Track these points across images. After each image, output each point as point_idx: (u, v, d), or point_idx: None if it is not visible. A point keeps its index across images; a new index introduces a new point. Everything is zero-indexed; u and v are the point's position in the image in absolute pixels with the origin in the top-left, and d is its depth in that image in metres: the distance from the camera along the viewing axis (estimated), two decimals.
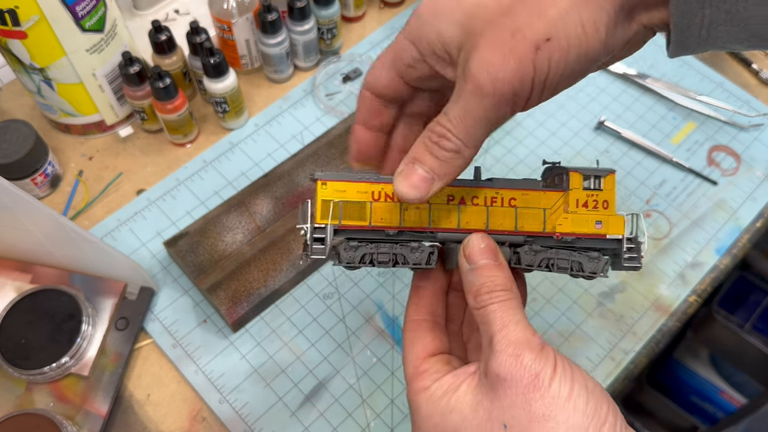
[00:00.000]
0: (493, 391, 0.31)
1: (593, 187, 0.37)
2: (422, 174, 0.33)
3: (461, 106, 0.31)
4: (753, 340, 1.00)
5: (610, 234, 0.37)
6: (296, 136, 0.72)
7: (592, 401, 0.30)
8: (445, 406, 0.33)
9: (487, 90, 0.29)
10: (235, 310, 0.59)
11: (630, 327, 0.61)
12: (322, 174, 0.36)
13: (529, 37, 0.28)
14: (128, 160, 0.71)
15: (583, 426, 0.29)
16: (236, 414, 0.56)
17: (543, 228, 0.37)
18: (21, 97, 0.75)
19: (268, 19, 0.69)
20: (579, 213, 0.37)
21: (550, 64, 0.29)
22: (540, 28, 0.28)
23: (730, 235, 0.67)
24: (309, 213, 0.35)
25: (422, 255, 0.36)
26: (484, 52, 0.29)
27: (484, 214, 0.37)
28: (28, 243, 0.58)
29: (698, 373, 1.07)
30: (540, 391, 0.30)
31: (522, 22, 0.29)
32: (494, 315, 0.32)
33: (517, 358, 0.31)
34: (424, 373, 0.35)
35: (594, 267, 0.37)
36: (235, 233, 0.63)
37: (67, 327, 0.57)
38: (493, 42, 0.29)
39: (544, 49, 0.29)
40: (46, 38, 0.60)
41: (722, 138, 0.73)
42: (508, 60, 0.29)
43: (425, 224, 0.36)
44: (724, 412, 1.05)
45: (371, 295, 0.62)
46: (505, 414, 0.30)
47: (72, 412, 0.55)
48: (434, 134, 0.32)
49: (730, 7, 0.27)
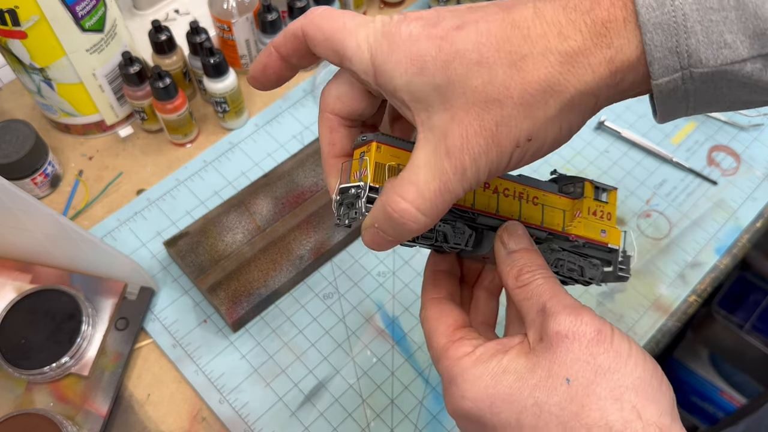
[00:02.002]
0: (551, 351, 0.31)
1: (601, 198, 0.40)
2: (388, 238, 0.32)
3: (439, 183, 0.30)
4: (753, 340, 1.00)
5: (611, 244, 0.40)
6: (296, 136, 0.72)
7: (648, 359, 0.31)
8: (497, 367, 0.32)
9: (470, 173, 0.29)
10: (235, 310, 0.59)
11: (630, 327, 0.61)
12: (378, 137, 0.34)
13: (513, 133, 0.29)
14: (128, 160, 0.71)
15: (647, 379, 0.30)
16: (236, 414, 0.56)
17: (562, 228, 0.39)
18: (21, 97, 0.75)
19: (268, 19, 0.69)
20: (589, 220, 0.40)
21: (524, 157, 0.30)
22: (525, 127, 0.29)
23: (730, 235, 0.67)
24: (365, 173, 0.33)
25: (463, 237, 0.36)
26: (469, 134, 0.29)
27: (517, 205, 0.38)
28: (28, 243, 0.58)
29: (698, 373, 1.07)
30: (604, 344, 0.30)
31: (509, 117, 0.28)
32: (543, 287, 0.33)
33: (577, 316, 0.31)
34: (462, 339, 0.34)
35: (592, 274, 0.39)
36: (235, 233, 0.63)
37: (67, 327, 0.57)
38: (480, 127, 0.29)
39: (523, 147, 0.29)
40: (46, 38, 0.60)
41: (722, 138, 0.73)
42: (491, 149, 0.29)
43: (469, 206, 0.37)
44: (724, 412, 1.05)
45: (371, 295, 0.63)
46: (568, 369, 0.30)
47: (72, 412, 0.55)
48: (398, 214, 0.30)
49: (711, 96, 0.28)
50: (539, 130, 0.29)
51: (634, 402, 0.29)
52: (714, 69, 0.27)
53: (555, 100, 0.28)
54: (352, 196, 0.33)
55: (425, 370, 0.59)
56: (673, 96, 0.28)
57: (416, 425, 0.56)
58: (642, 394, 0.29)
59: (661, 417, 0.29)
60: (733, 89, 0.28)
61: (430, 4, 0.81)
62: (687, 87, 0.28)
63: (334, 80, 0.36)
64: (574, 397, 0.29)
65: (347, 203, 0.34)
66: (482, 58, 0.28)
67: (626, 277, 0.40)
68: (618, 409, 0.29)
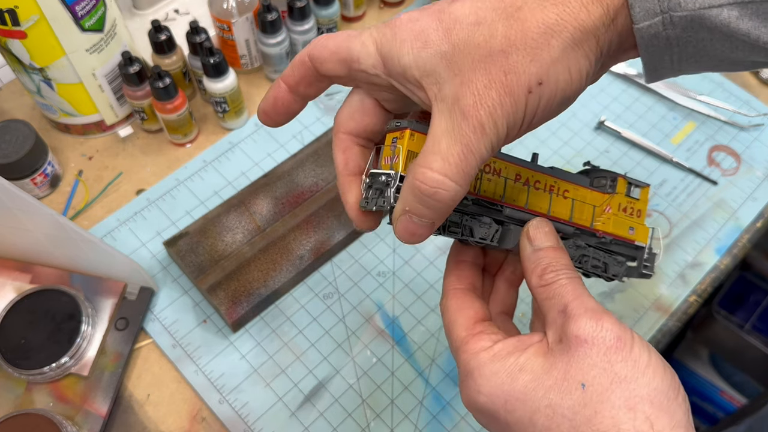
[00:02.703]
0: (569, 353, 0.31)
1: (633, 195, 0.40)
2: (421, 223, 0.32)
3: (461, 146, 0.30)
4: (753, 340, 1.00)
5: (638, 241, 0.40)
6: (296, 136, 0.72)
7: (668, 370, 0.31)
8: (514, 365, 0.32)
9: (488, 128, 0.30)
10: (235, 310, 0.59)
11: (630, 327, 0.61)
12: (412, 123, 0.33)
13: (523, 79, 0.29)
14: (128, 160, 0.71)
15: (664, 391, 0.30)
16: (236, 414, 0.56)
17: (591, 224, 0.39)
18: (21, 97, 0.75)
19: (268, 19, 0.69)
20: (619, 216, 0.40)
21: (539, 105, 0.30)
22: (533, 71, 0.29)
23: (730, 235, 0.67)
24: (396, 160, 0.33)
25: (489, 231, 0.36)
26: (480, 90, 0.29)
27: (547, 199, 0.38)
28: (28, 243, 0.58)
29: (698, 373, 1.07)
30: (623, 353, 0.30)
31: (515, 64, 0.29)
32: (566, 288, 0.33)
33: (598, 321, 0.31)
34: (481, 333, 0.34)
35: (616, 270, 0.39)
36: (235, 233, 0.63)
37: (67, 327, 0.57)
38: (489, 81, 0.29)
39: (535, 92, 0.30)
40: (46, 38, 0.60)
41: (722, 138, 0.73)
42: (505, 99, 0.29)
43: (498, 197, 0.37)
44: (724, 412, 1.05)
45: (371, 295, 0.62)
46: (584, 374, 0.30)
47: (72, 412, 0.55)
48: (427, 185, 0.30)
49: (694, 48, 0.29)
50: (548, 73, 0.29)
51: (648, 413, 0.29)
52: (692, 13, 0.28)
53: (557, 40, 0.29)
54: (382, 183, 0.33)
55: (425, 370, 0.59)
56: (656, 44, 0.30)
57: (416, 425, 0.56)
58: (657, 405, 0.29)
59: (674, 429, 0.29)
60: (715, 42, 0.29)
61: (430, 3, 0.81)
62: (668, 33, 0.29)
63: (345, 102, 0.37)
64: (588, 402, 0.30)
65: (376, 188, 0.34)
66: (480, 19, 0.30)
67: (649, 274, 0.40)
68: (631, 419, 0.29)
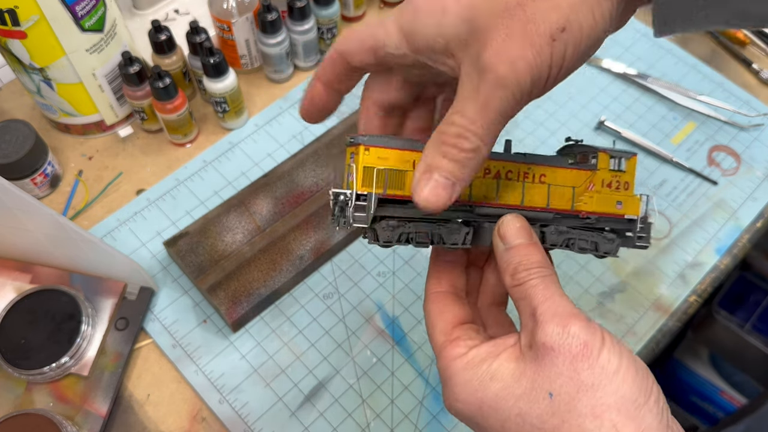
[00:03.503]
0: (537, 361, 0.31)
1: (618, 167, 0.38)
2: (442, 181, 0.32)
3: (480, 101, 0.30)
4: (753, 340, 0.99)
5: (628, 214, 0.38)
6: (296, 136, 0.72)
7: (640, 374, 0.30)
8: (485, 373, 0.32)
9: (508, 81, 0.29)
10: (235, 310, 0.59)
11: (630, 327, 0.61)
12: (365, 138, 0.34)
13: (543, 27, 0.29)
14: (128, 160, 0.71)
15: (632, 397, 0.29)
16: (236, 414, 0.56)
17: (571, 206, 0.38)
18: (21, 97, 0.75)
19: (268, 19, 0.69)
20: (603, 193, 0.38)
21: (566, 52, 0.30)
22: (554, 18, 0.29)
23: (730, 235, 0.67)
24: (352, 178, 0.34)
25: (459, 236, 0.36)
26: (499, 44, 0.29)
27: (520, 189, 0.37)
28: (28, 243, 0.58)
29: (698, 373, 1.07)
30: (589, 360, 0.30)
31: (535, 14, 0.29)
32: (536, 289, 0.32)
33: (564, 327, 0.31)
34: (458, 339, 0.34)
35: (608, 248, 0.38)
36: (235, 233, 0.63)
37: (67, 327, 0.57)
38: (507, 34, 0.29)
39: (559, 39, 0.29)
40: (46, 38, 0.60)
41: (722, 138, 0.73)
42: (526, 50, 0.29)
43: (465, 198, 0.36)
44: (724, 412, 1.05)
45: (371, 295, 0.62)
46: (551, 383, 0.30)
47: (72, 412, 0.55)
48: (449, 136, 0.31)
49: None
50: (569, 18, 0.29)
51: (615, 420, 0.29)
52: None
53: None
54: (342, 202, 0.34)
55: (425, 370, 0.59)
56: None
57: (416, 425, 0.56)
58: (624, 412, 0.29)
59: None
60: None
61: None
62: None
63: (370, 76, 0.38)
64: (555, 411, 0.30)
65: (340, 206, 0.34)
66: None
67: (645, 246, 0.39)
68: (597, 427, 0.29)
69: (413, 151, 0.35)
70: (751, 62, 0.78)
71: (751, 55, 0.80)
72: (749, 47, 0.80)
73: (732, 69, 0.79)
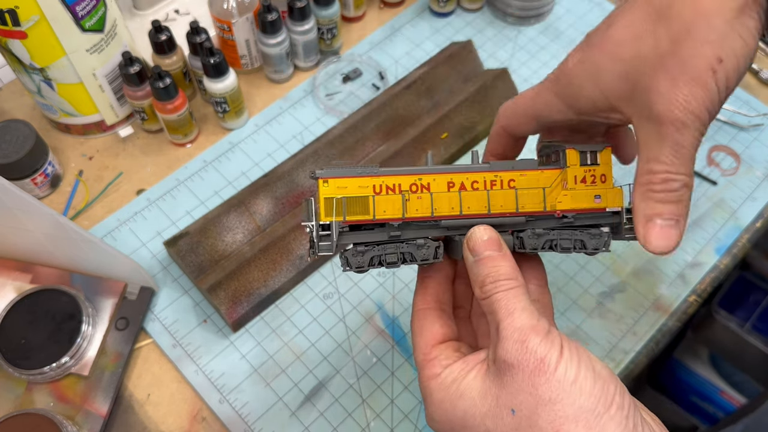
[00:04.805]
0: (500, 378, 0.32)
1: (590, 162, 0.38)
2: (666, 224, 0.33)
3: (671, 145, 0.32)
4: (753, 340, 0.99)
5: (609, 207, 0.38)
6: (296, 136, 0.72)
7: (599, 383, 0.30)
8: (455, 392, 0.33)
9: (689, 121, 0.31)
10: (235, 310, 0.59)
11: (630, 327, 0.61)
12: (322, 172, 0.36)
13: (702, 63, 0.30)
14: (128, 160, 0.71)
15: (590, 407, 0.30)
16: (236, 414, 0.56)
17: (544, 207, 0.38)
18: (21, 97, 0.75)
19: (268, 19, 0.69)
20: (578, 189, 0.38)
21: (727, 77, 0.31)
22: (709, 53, 0.30)
23: (730, 235, 0.67)
24: (314, 210, 0.36)
25: (429, 251, 0.37)
26: (666, 92, 0.31)
27: (485, 197, 0.37)
28: (28, 243, 0.58)
29: (698, 373, 1.07)
30: (546, 375, 0.30)
31: (689, 54, 0.31)
32: (499, 304, 0.33)
33: (522, 343, 0.31)
34: (434, 360, 0.35)
35: (596, 243, 0.38)
36: (235, 233, 0.63)
37: (67, 327, 0.57)
38: (670, 80, 0.31)
39: (719, 69, 0.31)
40: (46, 38, 0.60)
41: (722, 138, 0.73)
42: (695, 89, 0.31)
43: (428, 213, 0.37)
44: (724, 412, 1.05)
45: (371, 295, 0.63)
46: (512, 399, 0.31)
47: (72, 412, 0.55)
48: (656, 184, 0.33)
49: None
50: (724, 48, 0.30)
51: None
52: None
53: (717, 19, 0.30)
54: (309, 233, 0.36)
55: None
56: None
57: (416, 425, 0.56)
58: (583, 422, 0.29)
59: None
60: None
61: (429, 5, 0.81)
62: None
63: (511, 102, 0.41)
64: (518, 427, 0.30)
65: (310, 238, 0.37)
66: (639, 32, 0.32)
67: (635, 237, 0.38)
68: None
69: (370, 176, 0.37)
70: None
71: None
72: None
73: None
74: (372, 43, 0.79)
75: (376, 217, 0.36)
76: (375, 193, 0.37)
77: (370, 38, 0.80)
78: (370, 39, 0.80)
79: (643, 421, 0.31)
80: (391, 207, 0.37)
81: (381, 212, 0.37)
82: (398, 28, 0.80)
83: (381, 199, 0.37)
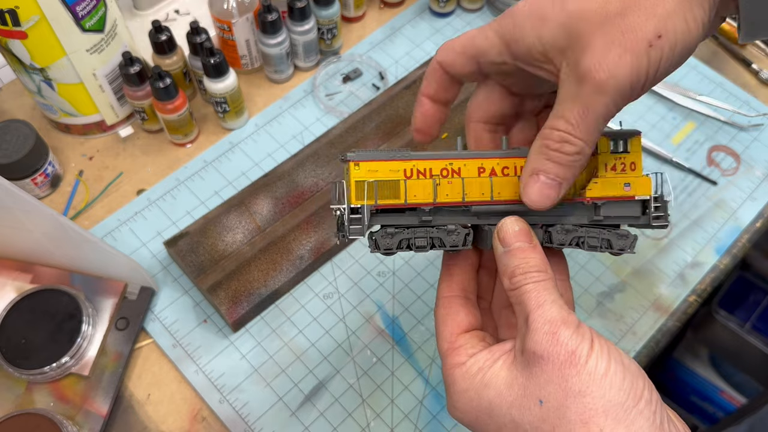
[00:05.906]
0: (528, 369, 0.31)
1: (620, 149, 0.38)
2: (548, 182, 0.34)
3: (581, 106, 0.32)
4: (753, 340, 1.00)
5: (638, 195, 0.38)
6: (296, 136, 0.72)
7: (628, 377, 0.30)
8: (480, 382, 0.33)
9: (608, 86, 0.31)
10: (235, 310, 0.59)
11: (630, 327, 0.61)
12: (353, 155, 0.36)
13: (641, 35, 0.30)
14: (128, 160, 0.71)
15: (620, 401, 0.30)
16: (236, 414, 0.56)
17: (574, 194, 0.37)
18: (21, 97, 0.75)
19: (268, 19, 0.69)
20: (608, 177, 0.38)
21: (661, 57, 0.31)
22: (651, 26, 0.30)
23: (730, 235, 0.67)
24: (344, 193, 0.35)
25: (459, 237, 0.36)
26: (599, 51, 0.31)
27: (515, 183, 0.37)
28: (28, 243, 0.58)
29: (698, 373, 1.07)
30: (576, 367, 0.30)
31: (632, 22, 0.30)
32: (529, 295, 0.33)
33: (553, 335, 0.31)
34: (459, 348, 0.35)
35: (623, 244, 0.38)
36: (235, 233, 0.63)
37: (67, 327, 0.57)
38: (606, 42, 0.31)
39: (656, 45, 0.31)
40: (47, 38, 0.60)
41: (722, 138, 0.73)
42: (624, 57, 0.30)
43: (458, 198, 0.36)
44: (724, 412, 1.05)
45: (371, 295, 0.63)
46: (541, 390, 0.31)
47: (72, 412, 0.55)
48: (552, 140, 0.33)
49: None
50: (665, 26, 0.30)
51: (602, 425, 0.29)
52: None
53: None
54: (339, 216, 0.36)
55: (425, 370, 0.59)
56: None
57: (416, 425, 0.56)
58: (612, 416, 0.29)
59: None
60: None
61: (429, 5, 0.81)
62: None
63: (473, 95, 0.40)
64: (546, 418, 0.30)
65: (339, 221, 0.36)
66: None
67: (664, 225, 0.38)
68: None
69: (401, 160, 0.36)
70: (750, 62, 0.79)
71: (751, 56, 0.80)
72: (749, 47, 0.80)
73: (732, 69, 0.79)
74: (372, 43, 0.79)
75: (407, 201, 0.36)
76: (406, 177, 0.36)
77: (370, 38, 0.80)
78: (370, 39, 0.80)
79: (669, 419, 0.31)
80: (422, 191, 0.36)
81: (412, 196, 0.36)
82: (398, 28, 0.80)
83: (412, 183, 0.36)
